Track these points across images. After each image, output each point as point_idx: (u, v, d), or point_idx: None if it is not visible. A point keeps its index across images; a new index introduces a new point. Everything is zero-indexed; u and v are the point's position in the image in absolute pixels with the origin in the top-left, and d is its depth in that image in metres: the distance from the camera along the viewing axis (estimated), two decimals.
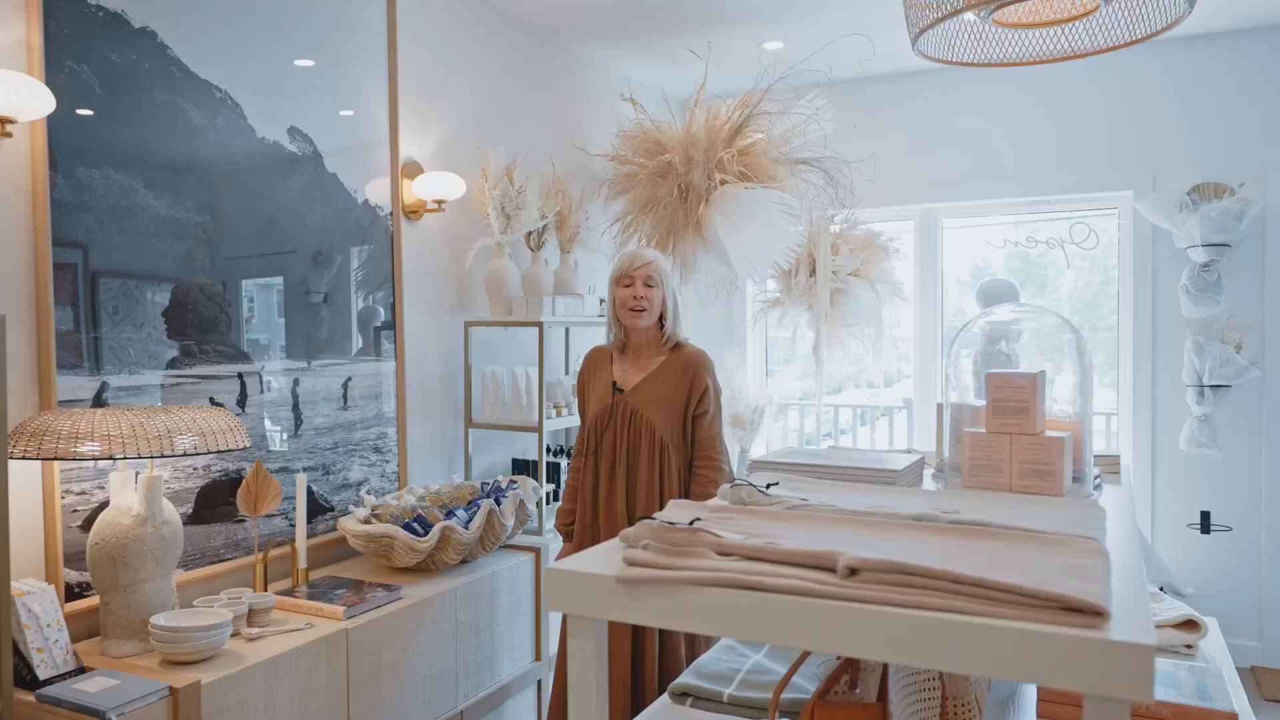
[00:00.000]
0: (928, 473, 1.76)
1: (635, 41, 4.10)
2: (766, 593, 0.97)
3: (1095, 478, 1.65)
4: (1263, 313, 3.94)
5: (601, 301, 3.88)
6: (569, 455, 3.76)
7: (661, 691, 2.52)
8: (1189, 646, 2.02)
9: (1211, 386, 3.90)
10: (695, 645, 2.62)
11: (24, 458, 1.89)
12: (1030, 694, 1.72)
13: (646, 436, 2.59)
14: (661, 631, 2.53)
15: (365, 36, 2.99)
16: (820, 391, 4.49)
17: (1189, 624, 2.05)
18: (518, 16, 3.76)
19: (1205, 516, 4.09)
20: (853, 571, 0.97)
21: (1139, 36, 2.01)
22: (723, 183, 3.71)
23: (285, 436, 2.73)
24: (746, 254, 3.65)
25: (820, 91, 3.81)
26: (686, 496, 2.57)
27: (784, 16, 3.79)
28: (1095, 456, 1.79)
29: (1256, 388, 3.96)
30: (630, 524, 2.49)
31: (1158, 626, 2.03)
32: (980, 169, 4.44)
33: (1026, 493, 1.48)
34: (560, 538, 2.87)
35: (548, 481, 3.48)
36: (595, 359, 2.79)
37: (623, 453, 2.62)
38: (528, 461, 3.68)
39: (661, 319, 2.68)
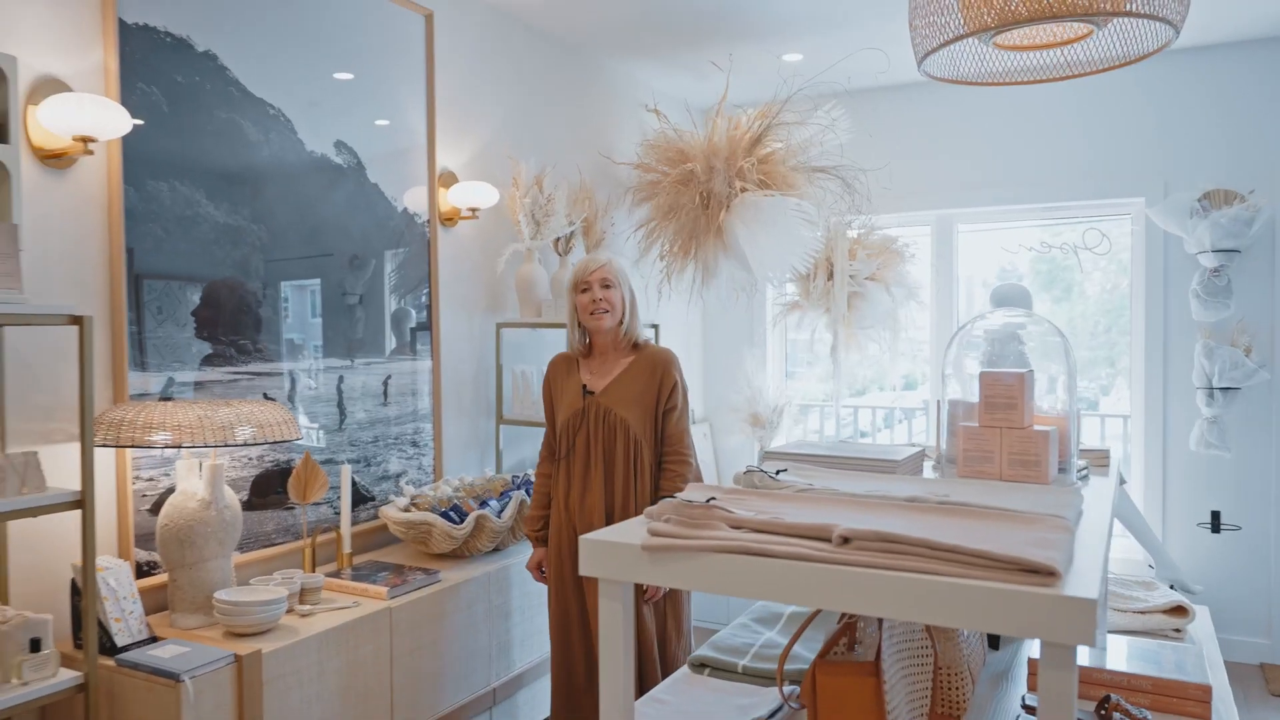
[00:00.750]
0: (928, 464, 1.90)
1: (659, 54, 4.27)
2: (771, 558, 1.13)
3: (1082, 469, 1.79)
4: (1272, 317, 4.03)
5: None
6: None
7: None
8: (1177, 631, 2.16)
9: (1221, 389, 4.00)
10: (667, 652, 2.70)
11: (104, 445, 2.08)
12: (1022, 669, 1.87)
13: (622, 435, 2.62)
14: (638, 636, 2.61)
15: (403, 52, 3.17)
16: (839, 393, 4.63)
17: (1178, 610, 2.18)
18: (547, 32, 3.94)
19: (1215, 516, 4.19)
20: (845, 540, 1.12)
21: (1131, 58, 2.14)
22: (743, 190, 3.85)
23: (330, 430, 2.91)
24: (765, 259, 3.79)
25: (838, 101, 3.95)
26: (657, 491, 2.64)
27: (803, 30, 3.94)
28: (1085, 450, 1.93)
29: (1266, 390, 4.05)
30: (608, 521, 2.60)
31: (1146, 612, 2.17)
32: (995, 176, 4.56)
33: (1015, 481, 1.62)
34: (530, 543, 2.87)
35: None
36: (560, 365, 2.80)
37: (598, 452, 2.64)
38: None
39: (622, 319, 2.70)
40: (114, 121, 2.12)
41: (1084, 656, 1.89)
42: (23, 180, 2.02)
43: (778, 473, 1.54)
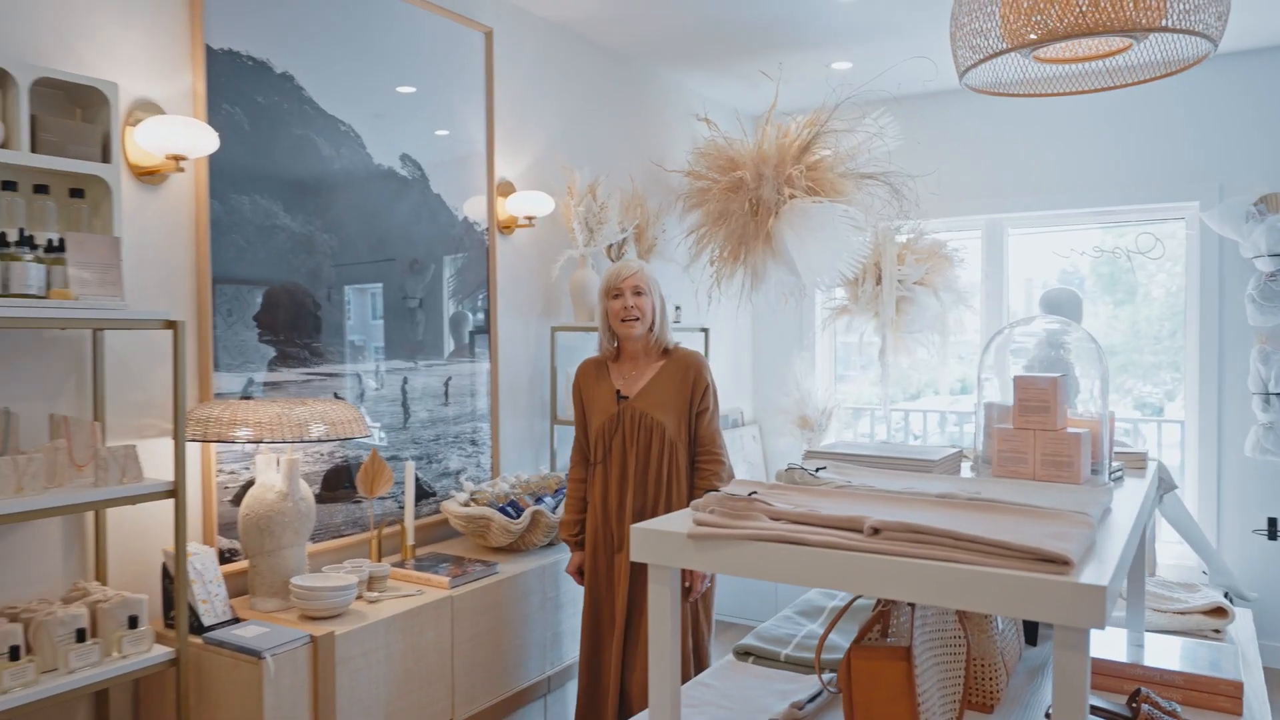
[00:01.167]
0: (966, 465, 1.97)
1: (710, 65, 4.37)
2: (806, 546, 1.22)
3: (1117, 471, 1.85)
4: None
5: (678, 308, 4.15)
6: None
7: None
8: (1217, 631, 2.19)
9: (1277, 394, 3.96)
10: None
11: (194, 440, 2.26)
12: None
13: (657, 438, 2.65)
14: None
15: (463, 66, 3.33)
16: (887, 396, 4.68)
17: (1218, 611, 2.22)
18: (602, 44, 4.07)
19: (1272, 523, 4.14)
20: (875, 531, 1.22)
21: (1172, 69, 2.19)
22: (791, 197, 3.93)
23: (394, 429, 3.07)
24: (813, 264, 3.87)
25: (886, 108, 4.01)
26: (692, 491, 2.68)
27: (852, 39, 4.01)
28: (1121, 453, 1.98)
29: None
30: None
31: (1186, 613, 2.20)
32: (1046, 180, 4.57)
33: (1047, 481, 1.69)
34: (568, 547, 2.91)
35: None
36: (589, 370, 2.82)
37: (634, 456, 2.67)
38: None
39: (653, 326, 2.74)
40: (202, 141, 2.29)
41: (1120, 653, 1.95)
42: (122, 196, 2.20)
43: (817, 470, 1.64)
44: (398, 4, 3.04)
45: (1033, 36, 2.03)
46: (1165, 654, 1.89)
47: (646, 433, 2.67)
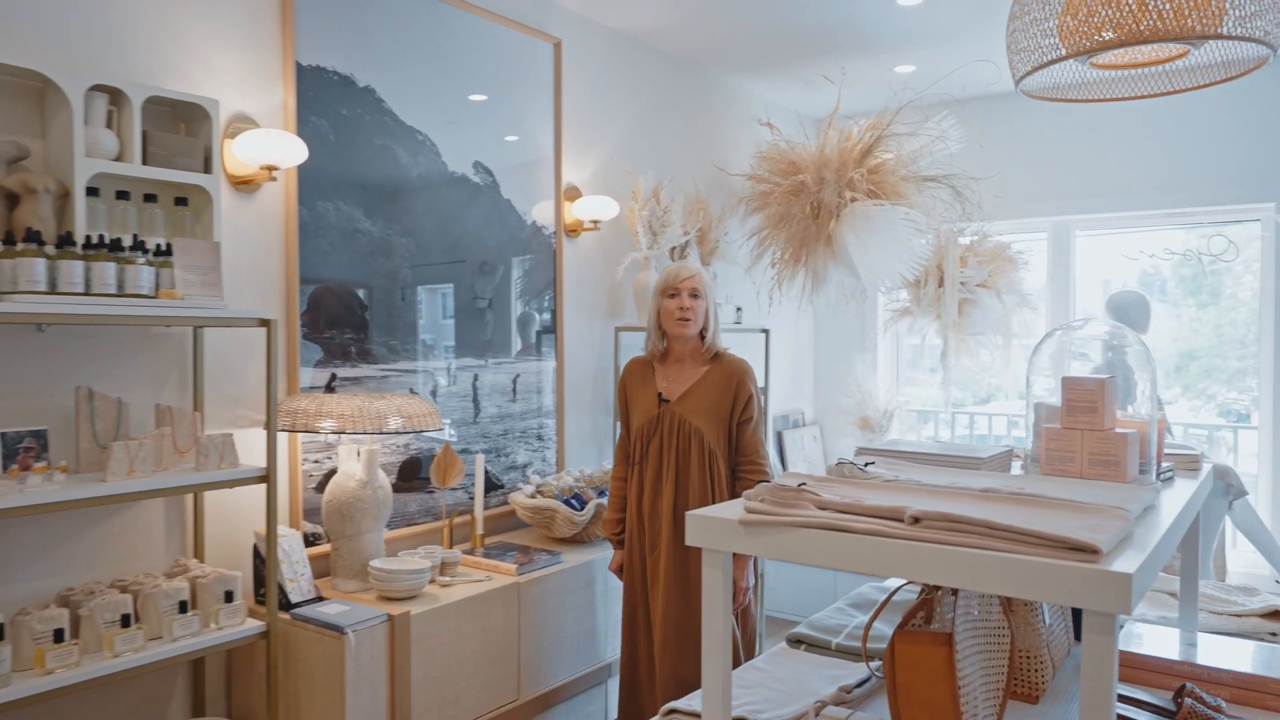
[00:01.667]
0: (1016, 464, 2.02)
1: (773, 69, 4.44)
2: (850, 534, 1.31)
3: (1167, 471, 1.88)
4: None
5: (739, 309, 4.23)
6: None
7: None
8: (1274, 634, 2.19)
9: None
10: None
11: (283, 430, 2.43)
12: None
13: (695, 444, 2.63)
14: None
15: (533, 75, 3.47)
16: (949, 398, 4.68)
17: (1276, 614, 2.22)
18: (666, 52, 4.17)
19: None
20: (916, 520, 1.29)
21: (1231, 75, 2.20)
22: (853, 200, 3.98)
23: (465, 423, 3.22)
24: (874, 267, 3.91)
25: (949, 111, 4.03)
26: (732, 499, 2.69)
27: (915, 43, 4.04)
28: (1174, 454, 2.00)
29: None
30: (676, 529, 2.63)
31: (1242, 615, 2.21)
32: (1114, 181, 4.52)
33: (1094, 479, 1.74)
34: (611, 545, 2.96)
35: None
36: (636, 370, 2.82)
37: (670, 460, 2.66)
38: None
39: (703, 330, 2.72)
40: (293, 151, 2.47)
41: (1172, 651, 1.97)
42: (221, 204, 2.38)
43: (866, 465, 1.71)
44: (471, 18, 3.19)
45: (1088, 45, 2.06)
46: (1216, 653, 1.91)
47: (684, 438, 2.65)
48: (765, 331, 4.32)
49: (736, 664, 2.55)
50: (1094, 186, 4.57)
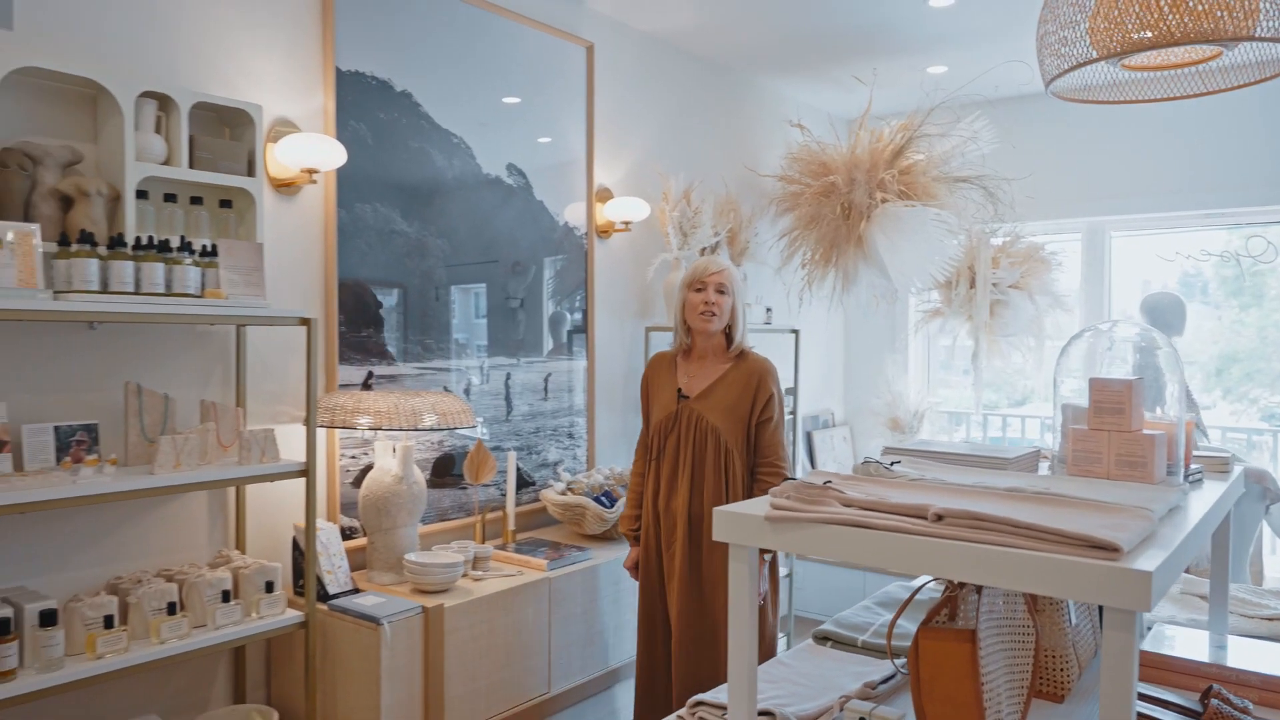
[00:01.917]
0: (1044, 464, 2.02)
1: (804, 70, 4.45)
2: (873, 530, 1.33)
3: (1196, 473, 1.87)
4: None
5: (769, 310, 4.25)
6: None
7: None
8: None
9: None
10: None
11: (322, 426, 2.49)
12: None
13: (712, 442, 2.60)
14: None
15: (565, 78, 3.51)
16: (980, 400, 4.66)
17: None
18: (698, 54, 4.20)
19: None
20: (939, 517, 1.31)
21: (1267, 76, 2.18)
22: (884, 201, 3.98)
23: (497, 421, 3.28)
24: (904, 268, 3.91)
25: (982, 112, 4.01)
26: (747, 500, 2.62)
27: (947, 44, 4.03)
28: (1205, 456, 2.00)
29: None
30: (691, 526, 2.60)
31: (1274, 619, 2.20)
32: (1149, 182, 4.47)
33: (1121, 480, 1.74)
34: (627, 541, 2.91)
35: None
36: (659, 365, 2.79)
37: (687, 457, 2.62)
38: None
39: (729, 329, 2.69)
40: (332, 155, 2.53)
41: (1202, 654, 1.97)
42: (264, 206, 2.45)
43: (892, 464, 1.73)
44: (506, 23, 3.25)
45: (1119, 47, 2.06)
46: (1245, 655, 1.91)
47: (701, 436, 2.62)
48: (795, 332, 4.34)
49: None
50: (1129, 187, 4.53)
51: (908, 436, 4.81)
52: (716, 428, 2.60)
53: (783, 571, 4.17)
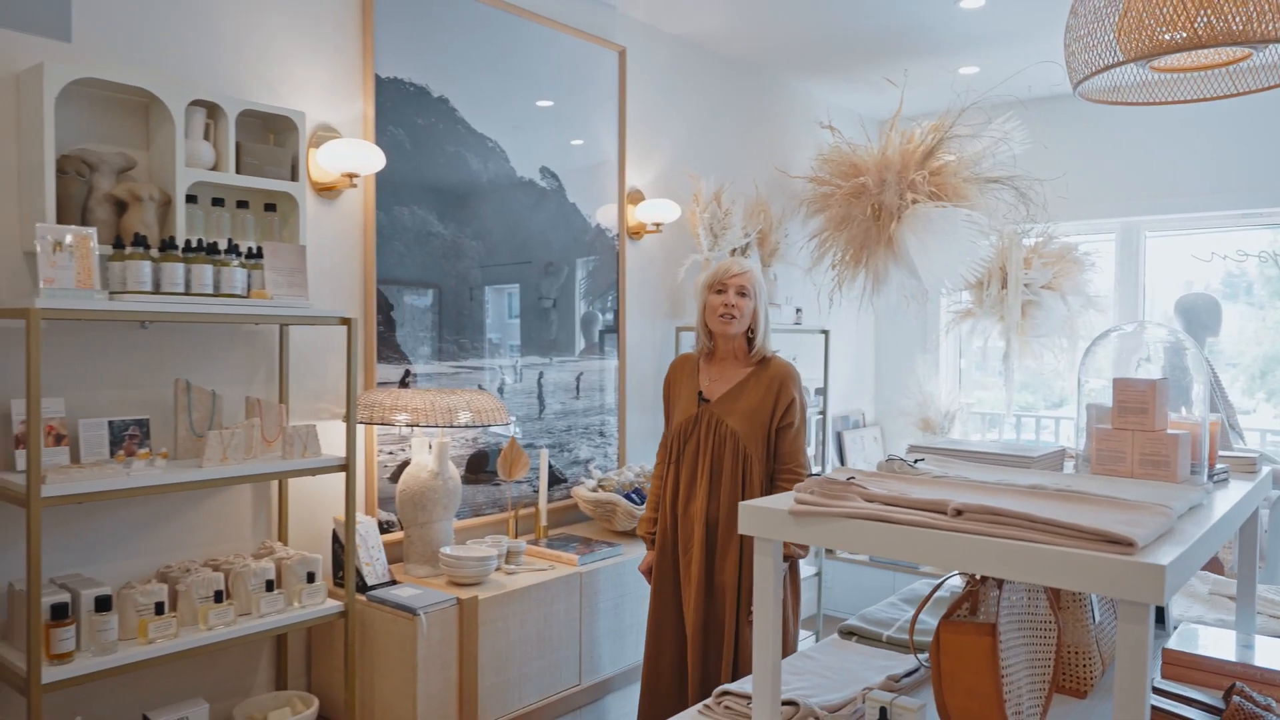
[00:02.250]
0: (1070, 464, 2.04)
1: (835, 72, 4.47)
2: (893, 524, 1.37)
3: (1221, 473, 1.88)
4: None
5: (799, 310, 4.28)
6: None
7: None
8: None
9: None
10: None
11: (361, 422, 2.57)
12: (1158, 661, 1.98)
13: (730, 446, 2.55)
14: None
15: (597, 82, 3.57)
16: (1011, 401, 4.65)
17: None
18: (729, 57, 4.24)
19: None
20: (958, 513, 1.35)
21: None
22: (914, 202, 4.00)
23: (530, 419, 3.35)
24: (934, 268, 3.92)
25: (1015, 111, 4.01)
26: None
27: (979, 44, 4.03)
28: (1231, 456, 2.01)
29: None
30: (708, 531, 2.56)
31: None
32: (1186, 182, 4.44)
33: (1144, 479, 1.76)
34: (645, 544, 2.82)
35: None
36: (681, 367, 2.74)
37: (705, 461, 2.58)
38: None
39: (750, 331, 2.63)
40: (372, 160, 2.61)
41: (1228, 653, 1.97)
42: (306, 209, 2.54)
43: (915, 461, 1.77)
44: (539, 28, 3.32)
45: (1146, 50, 2.07)
46: (1272, 655, 1.91)
47: (720, 440, 2.57)
48: (825, 332, 4.36)
49: (740, 669, 2.53)
50: (1164, 187, 4.50)
51: (938, 437, 4.81)
52: (736, 432, 2.55)
53: (811, 570, 4.20)
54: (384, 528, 2.84)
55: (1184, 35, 2.02)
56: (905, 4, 3.59)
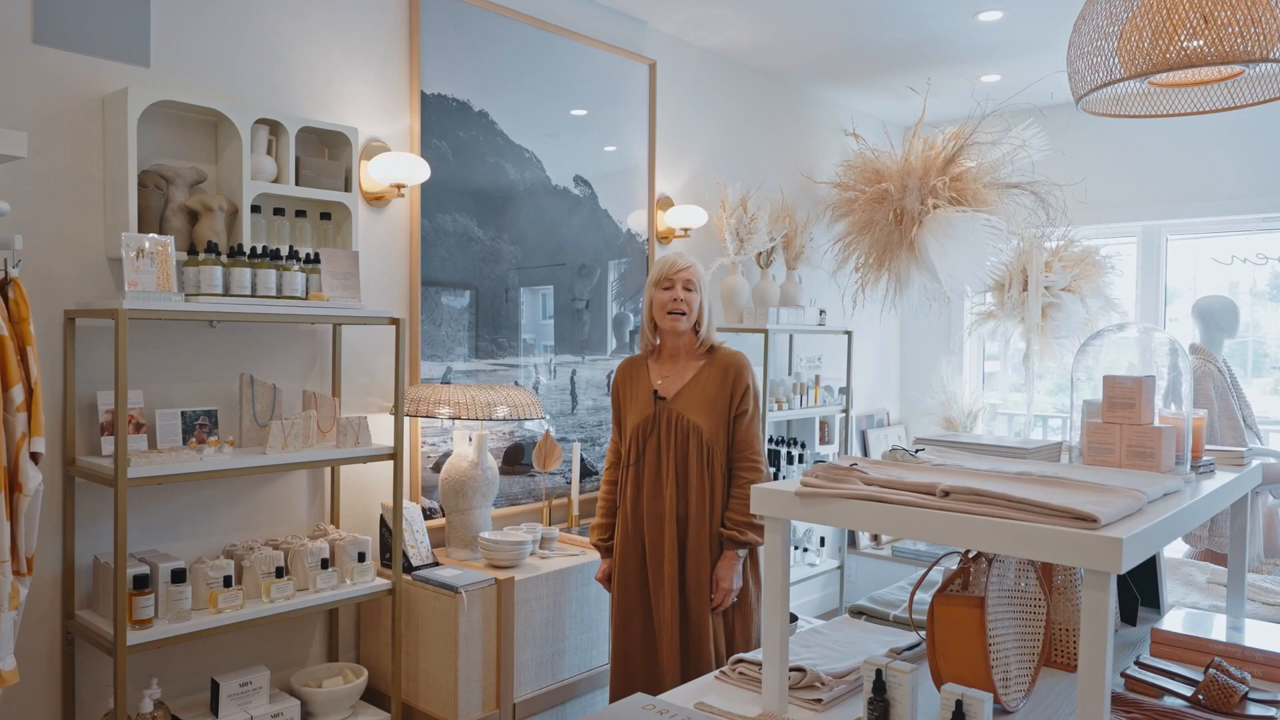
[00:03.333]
0: (1066, 456, 2.18)
1: (859, 81, 4.62)
2: (889, 504, 1.53)
3: (1208, 464, 2.01)
4: None
5: (822, 312, 4.43)
6: (786, 444, 4.33)
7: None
8: None
9: None
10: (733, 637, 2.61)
11: (407, 415, 2.77)
12: (1146, 642, 2.11)
13: (695, 440, 2.52)
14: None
15: (628, 92, 3.75)
16: (1030, 400, 4.75)
17: None
18: (756, 67, 4.40)
19: None
20: (946, 494, 1.50)
21: None
22: (935, 207, 4.12)
23: (563, 414, 3.53)
24: (954, 271, 4.05)
25: (1037, 117, 4.12)
26: (727, 498, 2.55)
27: (1000, 54, 4.15)
28: (1219, 450, 2.13)
29: None
30: (679, 529, 2.51)
31: None
32: (1207, 186, 4.51)
33: (1131, 469, 1.90)
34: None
35: (769, 465, 4.07)
36: (630, 369, 2.69)
37: (670, 459, 2.53)
38: None
39: (697, 325, 2.60)
40: (418, 171, 2.81)
41: (1216, 634, 2.10)
42: (358, 217, 2.74)
43: (916, 451, 1.92)
44: (574, 44, 3.50)
45: (1144, 67, 2.21)
46: (1255, 636, 2.04)
47: (683, 436, 2.53)
48: (848, 333, 4.50)
49: (720, 662, 2.53)
50: (1185, 191, 4.58)
51: (948, 432, 4.92)
52: (698, 426, 2.52)
53: (834, 563, 4.34)
54: (426, 514, 3.04)
55: (1178, 54, 2.15)
56: (925, 17, 3.73)
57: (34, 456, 1.80)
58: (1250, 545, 4.17)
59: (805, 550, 4.37)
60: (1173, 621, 2.15)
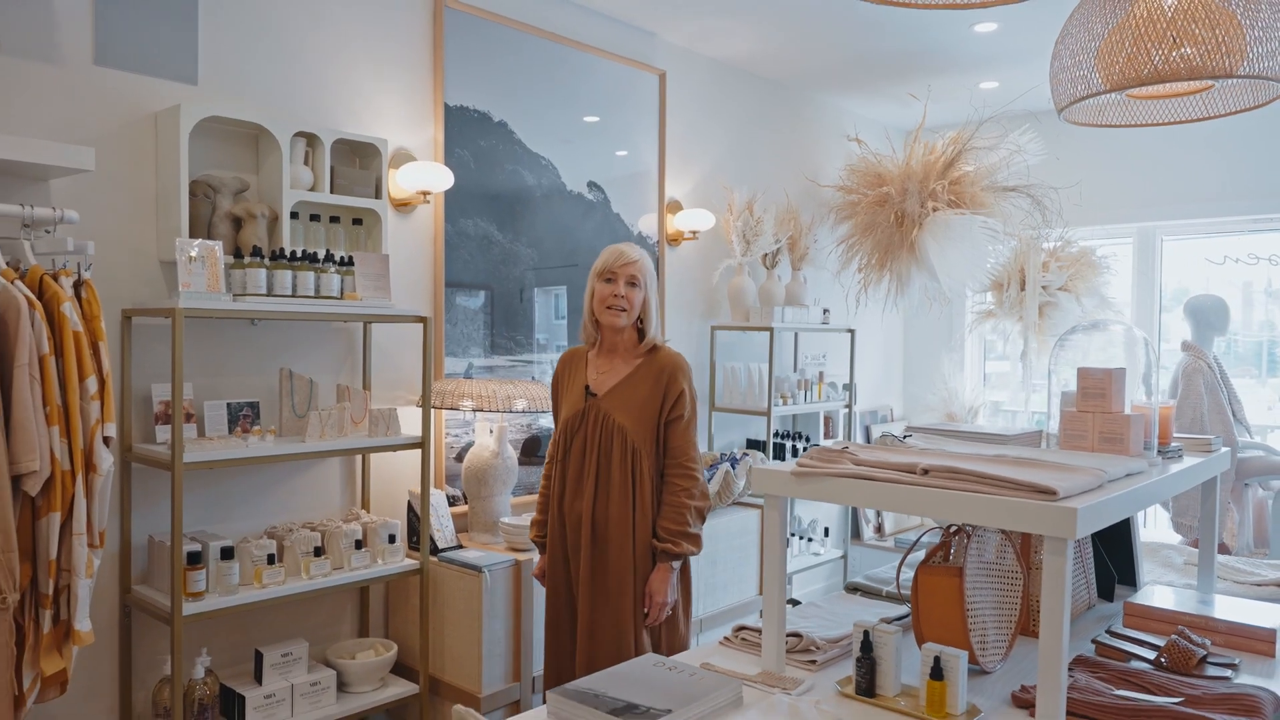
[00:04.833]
0: (1045, 443, 2.35)
1: (862, 88, 4.79)
2: (874, 482, 1.71)
3: (1176, 449, 2.18)
4: None
5: (826, 311, 4.60)
6: (793, 438, 4.50)
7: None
8: None
9: None
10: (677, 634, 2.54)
11: (434, 407, 2.96)
12: (1119, 615, 2.28)
13: (619, 441, 2.39)
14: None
15: (639, 99, 3.94)
16: (1028, 397, 4.91)
17: None
18: (763, 76, 4.58)
19: None
20: (925, 472, 1.68)
21: (1261, 102, 2.47)
22: (934, 210, 4.29)
23: None
24: (952, 272, 4.21)
25: (1035, 121, 4.28)
26: (659, 503, 2.44)
27: (996, 62, 4.32)
28: (1188, 438, 2.30)
29: None
30: (594, 531, 2.41)
31: (1263, 585, 2.48)
32: (1201, 187, 4.66)
33: (1101, 454, 2.07)
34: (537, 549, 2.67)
35: (774, 458, 4.25)
36: (569, 361, 2.59)
37: (592, 458, 2.42)
38: (758, 440, 4.48)
39: (640, 322, 2.48)
40: (442, 179, 3.00)
41: (1190, 605, 2.26)
42: (388, 223, 2.94)
43: (905, 437, 2.10)
44: (588, 56, 3.69)
45: (1119, 81, 2.38)
46: (1220, 609, 2.21)
47: (608, 436, 2.41)
48: (850, 331, 4.67)
49: None
50: (1180, 193, 4.73)
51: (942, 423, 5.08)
52: (624, 427, 2.40)
53: (837, 553, 4.51)
54: (450, 500, 3.23)
55: (1151, 70, 2.32)
56: (923, 28, 3.90)
57: (106, 440, 1.99)
58: (1241, 535, 4.32)
59: (810, 540, 4.54)
60: (1145, 596, 2.32)
